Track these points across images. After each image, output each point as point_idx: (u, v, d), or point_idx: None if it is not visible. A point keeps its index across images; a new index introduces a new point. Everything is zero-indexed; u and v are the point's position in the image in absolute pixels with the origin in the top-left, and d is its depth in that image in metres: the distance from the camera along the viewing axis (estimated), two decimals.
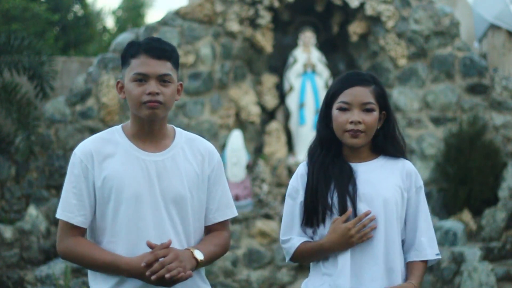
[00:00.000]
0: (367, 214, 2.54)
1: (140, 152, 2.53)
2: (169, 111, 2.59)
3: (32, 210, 8.27)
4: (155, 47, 2.50)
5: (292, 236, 2.65)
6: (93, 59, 9.95)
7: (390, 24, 9.14)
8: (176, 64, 2.56)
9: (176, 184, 2.52)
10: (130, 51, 2.52)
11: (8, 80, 8.50)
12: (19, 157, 8.69)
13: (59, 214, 2.52)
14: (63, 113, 9.01)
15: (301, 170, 2.68)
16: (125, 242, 2.47)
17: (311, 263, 2.70)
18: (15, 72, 8.37)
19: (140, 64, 2.49)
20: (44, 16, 12.54)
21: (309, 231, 2.66)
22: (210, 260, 2.57)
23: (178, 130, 2.65)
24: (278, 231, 8.43)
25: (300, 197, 2.65)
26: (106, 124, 8.96)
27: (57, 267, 7.44)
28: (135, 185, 2.48)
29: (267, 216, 8.46)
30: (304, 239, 2.64)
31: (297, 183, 2.67)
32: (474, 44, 10.76)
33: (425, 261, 2.63)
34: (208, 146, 2.65)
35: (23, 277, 7.53)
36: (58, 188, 8.83)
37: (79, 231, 2.51)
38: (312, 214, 2.60)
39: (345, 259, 2.56)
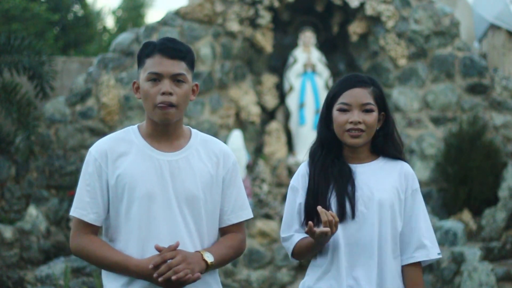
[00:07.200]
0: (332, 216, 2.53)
1: (154, 151, 2.55)
2: (183, 112, 2.59)
3: (32, 210, 8.26)
4: (169, 47, 2.52)
5: (292, 233, 2.71)
6: (93, 59, 9.95)
7: (390, 24, 9.13)
8: (191, 64, 2.58)
9: (189, 184, 2.53)
10: (145, 51, 2.55)
11: (8, 80, 8.50)
12: (19, 157, 8.69)
13: (72, 211, 2.55)
14: (63, 113, 9.01)
15: (302, 170, 2.74)
16: (136, 240, 2.49)
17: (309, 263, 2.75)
18: (15, 72, 8.37)
19: (154, 63, 2.51)
20: (44, 16, 12.55)
21: None
22: (222, 263, 2.59)
23: (194, 131, 2.67)
24: (278, 231, 8.43)
25: (300, 196, 2.70)
26: (106, 124, 8.96)
27: (57, 267, 7.43)
28: (148, 183, 2.50)
29: (267, 216, 8.45)
30: (303, 235, 2.68)
31: (298, 183, 2.72)
32: (474, 44, 10.75)
33: (420, 265, 2.69)
34: (223, 148, 2.66)
35: (23, 277, 7.52)
36: (58, 188, 8.83)
37: (92, 228, 2.55)
38: (312, 214, 2.64)
39: (339, 260, 2.62)
